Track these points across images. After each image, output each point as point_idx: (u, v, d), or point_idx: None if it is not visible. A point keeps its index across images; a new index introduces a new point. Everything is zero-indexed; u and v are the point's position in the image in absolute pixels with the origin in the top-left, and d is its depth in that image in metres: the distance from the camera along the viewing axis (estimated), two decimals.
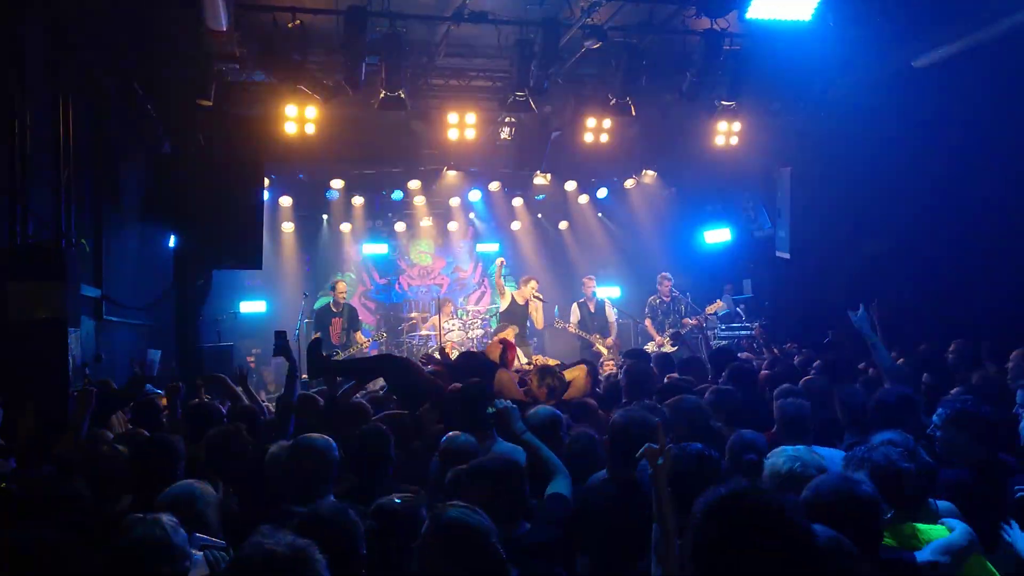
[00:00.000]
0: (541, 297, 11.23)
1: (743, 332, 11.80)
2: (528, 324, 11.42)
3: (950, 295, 8.86)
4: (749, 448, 3.44)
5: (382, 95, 8.73)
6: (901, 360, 6.68)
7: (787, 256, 11.32)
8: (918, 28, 8.66)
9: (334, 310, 11.30)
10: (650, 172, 13.64)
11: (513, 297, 11.27)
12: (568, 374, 5.81)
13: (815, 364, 6.20)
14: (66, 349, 6.24)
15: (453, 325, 12.82)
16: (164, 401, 5.93)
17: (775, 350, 8.46)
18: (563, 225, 15.09)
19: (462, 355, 7.06)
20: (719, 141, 10.60)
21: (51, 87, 6.43)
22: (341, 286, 11.53)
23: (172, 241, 9.88)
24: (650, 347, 10.67)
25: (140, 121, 8.56)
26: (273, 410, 5.78)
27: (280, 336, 5.74)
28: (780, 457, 3.05)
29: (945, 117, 8.99)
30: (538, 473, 3.45)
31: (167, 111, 8.33)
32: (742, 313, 12.12)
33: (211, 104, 7.97)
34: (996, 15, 7.85)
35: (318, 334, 11.07)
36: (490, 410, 3.86)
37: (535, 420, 3.99)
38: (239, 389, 5.81)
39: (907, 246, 9.56)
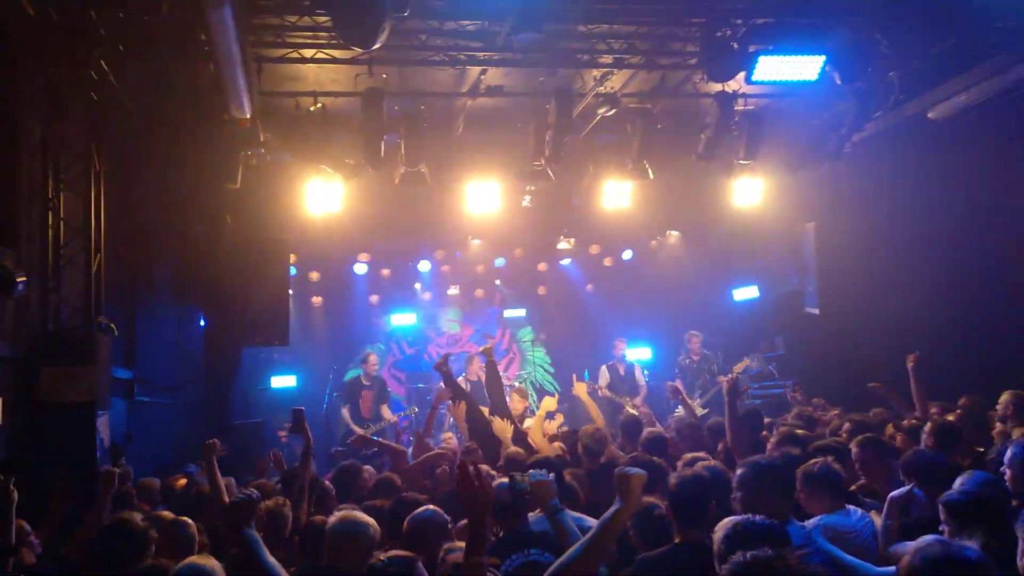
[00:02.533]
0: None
1: (777, 391, 11.57)
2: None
3: (978, 348, 8.65)
4: None
5: (403, 171, 8.95)
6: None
7: (816, 312, 11.17)
8: (930, 79, 8.69)
9: (364, 383, 11.21)
10: (674, 232, 13.66)
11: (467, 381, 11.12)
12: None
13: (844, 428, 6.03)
14: (94, 430, 6.36)
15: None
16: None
17: (811, 410, 8.24)
18: (589, 287, 15.09)
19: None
20: (741, 200, 10.62)
21: (85, 175, 6.71)
22: (372, 358, 11.49)
23: (203, 321, 10.14)
24: (679, 412, 10.48)
25: (172, 205, 8.88)
26: None
27: (296, 413, 5.81)
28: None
29: (963, 167, 8.94)
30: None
31: (196, 196, 8.63)
32: (775, 371, 11.91)
33: (238, 186, 8.24)
34: (1005, 65, 7.87)
35: (347, 405, 11.07)
36: (522, 484, 3.23)
37: None
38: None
39: (935, 299, 9.39)
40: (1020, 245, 8.69)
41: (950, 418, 6.02)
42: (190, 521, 4.14)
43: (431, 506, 3.92)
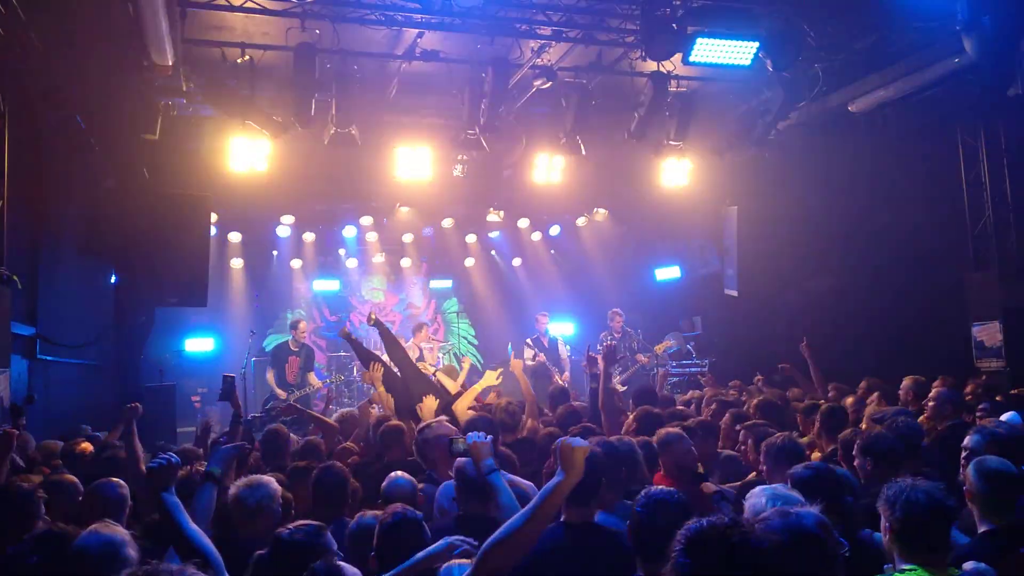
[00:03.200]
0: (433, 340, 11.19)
1: (693, 369, 11.94)
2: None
3: (885, 333, 9.13)
4: None
5: (332, 131, 8.70)
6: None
7: (735, 294, 11.52)
8: (853, 74, 9.02)
9: (293, 348, 11.00)
10: (601, 210, 13.82)
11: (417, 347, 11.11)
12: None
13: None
14: None
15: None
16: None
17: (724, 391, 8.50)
18: (516, 262, 15.15)
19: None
20: (668, 181, 10.80)
21: None
22: (303, 325, 11.28)
23: (113, 278, 9.66)
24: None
25: (82, 155, 8.37)
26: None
27: (227, 380, 5.63)
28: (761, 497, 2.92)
29: (881, 159, 9.35)
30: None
31: (110, 145, 8.16)
32: (692, 350, 12.27)
33: (156, 138, 7.84)
34: (923, 64, 8.23)
35: (272, 371, 10.82)
36: (460, 446, 3.39)
37: None
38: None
39: (848, 284, 9.84)
40: (930, 235, 9.18)
41: (849, 400, 6.38)
42: (121, 481, 3.95)
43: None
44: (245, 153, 8.75)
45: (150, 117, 7.59)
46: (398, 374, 7.37)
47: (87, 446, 5.86)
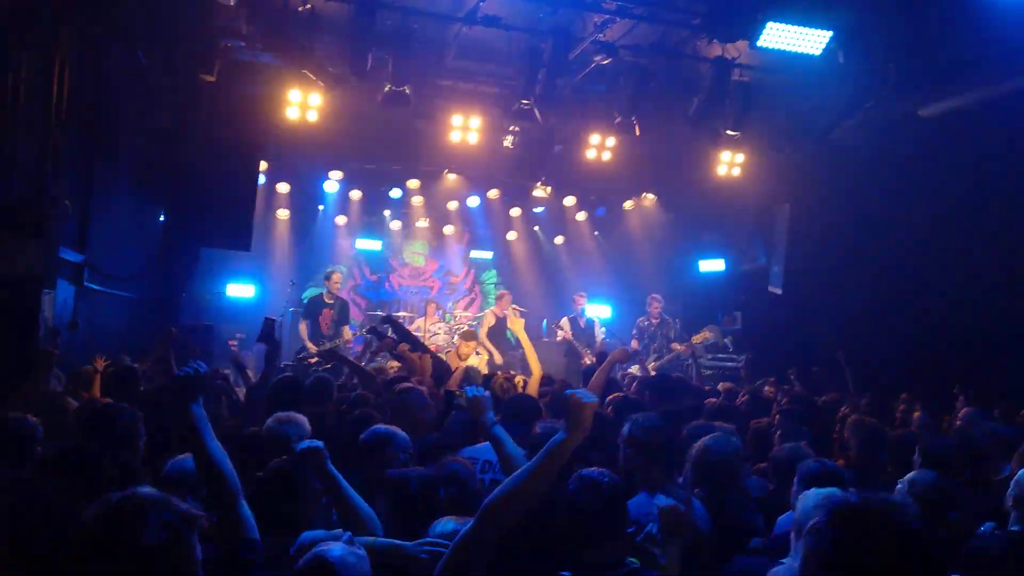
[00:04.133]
0: (520, 308, 11.20)
1: (729, 363, 11.75)
2: (512, 338, 11.38)
3: (930, 350, 8.84)
4: None
5: (387, 89, 8.70)
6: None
7: (779, 292, 11.28)
8: (927, 78, 8.67)
9: (327, 300, 10.91)
10: (650, 195, 13.62)
11: (495, 316, 11.29)
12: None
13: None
14: (37, 308, 6.16)
15: (439, 328, 12.74)
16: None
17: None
18: (559, 240, 15.04)
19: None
20: (721, 171, 10.57)
21: (50, 40, 6.33)
22: (336, 276, 11.10)
23: (163, 215, 9.85)
24: (634, 370, 10.58)
25: (141, 91, 8.50)
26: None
27: (268, 323, 5.74)
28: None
29: (946, 168, 8.99)
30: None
31: (169, 83, 8.27)
32: (729, 345, 12.07)
33: (214, 80, 7.91)
34: (1001, 76, 7.88)
35: (305, 322, 10.95)
36: (459, 399, 3.55)
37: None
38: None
39: (896, 297, 9.53)
40: (991, 255, 8.82)
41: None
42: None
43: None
44: (299, 103, 8.81)
45: (209, 58, 7.65)
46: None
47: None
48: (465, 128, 9.89)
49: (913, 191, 9.36)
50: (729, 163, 10.57)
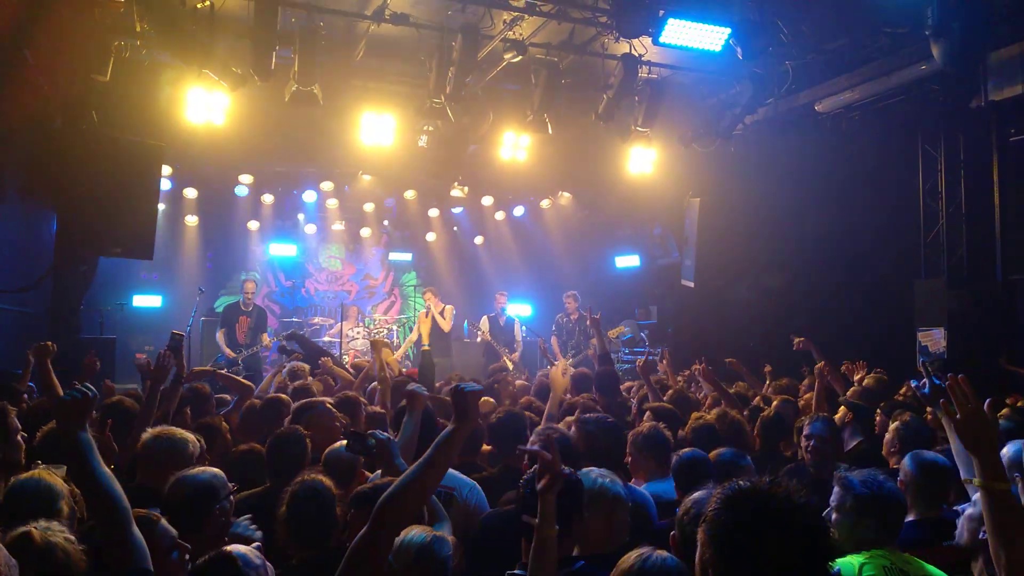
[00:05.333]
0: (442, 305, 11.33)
1: (651, 358, 11.95)
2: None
3: (833, 332, 9.21)
4: None
5: (294, 88, 8.47)
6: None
7: (691, 285, 11.55)
8: (822, 73, 9.05)
9: (243, 308, 11.08)
10: (566, 194, 13.75)
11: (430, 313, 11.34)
12: None
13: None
14: None
15: (357, 333, 12.56)
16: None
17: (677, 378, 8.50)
18: (478, 240, 15.03)
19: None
20: (634, 168, 10.75)
21: None
22: (250, 285, 11.31)
23: (55, 223, 9.30)
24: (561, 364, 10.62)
25: (29, 92, 8.00)
26: None
27: (175, 338, 5.48)
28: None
29: (844, 159, 9.41)
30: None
31: (58, 84, 7.81)
32: (645, 339, 12.31)
33: (107, 80, 7.52)
34: (891, 68, 8.28)
35: (223, 330, 10.74)
36: (370, 441, 3.31)
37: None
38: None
39: (800, 282, 9.91)
40: (884, 239, 9.28)
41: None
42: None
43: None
44: (202, 105, 8.46)
45: (101, 56, 7.27)
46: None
47: None
48: (377, 128, 9.71)
49: (813, 182, 9.78)
50: (641, 159, 10.75)
